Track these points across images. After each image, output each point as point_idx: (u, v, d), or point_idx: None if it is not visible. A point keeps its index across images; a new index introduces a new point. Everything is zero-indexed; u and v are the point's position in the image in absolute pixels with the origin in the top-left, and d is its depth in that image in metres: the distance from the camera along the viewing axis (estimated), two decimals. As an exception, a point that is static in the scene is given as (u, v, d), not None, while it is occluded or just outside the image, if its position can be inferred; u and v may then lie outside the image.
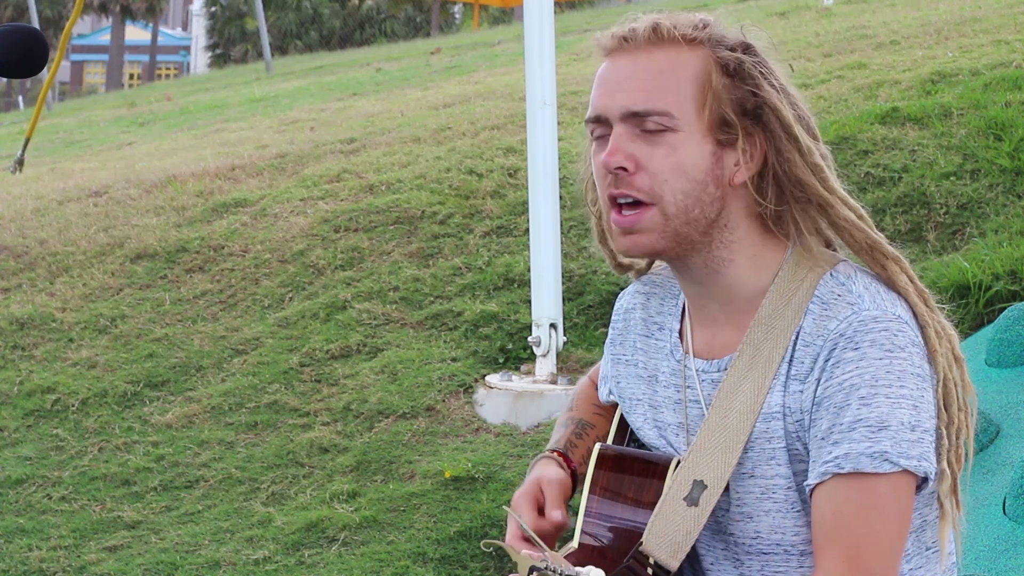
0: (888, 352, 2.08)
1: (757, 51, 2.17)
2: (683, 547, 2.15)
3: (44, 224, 8.50)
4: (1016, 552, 4.11)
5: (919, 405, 2.08)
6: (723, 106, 2.12)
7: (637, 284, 2.37)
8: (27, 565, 5.48)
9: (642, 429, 2.30)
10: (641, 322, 2.33)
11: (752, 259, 2.18)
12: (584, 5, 35.12)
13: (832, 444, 2.07)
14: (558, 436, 2.41)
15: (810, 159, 2.14)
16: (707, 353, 2.22)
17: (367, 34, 47.82)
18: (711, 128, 2.12)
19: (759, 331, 2.15)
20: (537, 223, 6.06)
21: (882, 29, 9.92)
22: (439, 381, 6.18)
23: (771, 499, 2.16)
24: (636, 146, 2.13)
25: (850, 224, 2.16)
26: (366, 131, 9.69)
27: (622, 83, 2.15)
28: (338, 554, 5.30)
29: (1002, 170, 6.71)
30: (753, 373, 2.14)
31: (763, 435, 2.14)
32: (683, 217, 2.13)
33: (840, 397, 2.08)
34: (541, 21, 6.10)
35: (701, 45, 2.15)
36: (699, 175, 2.12)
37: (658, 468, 2.21)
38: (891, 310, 2.11)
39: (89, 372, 6.73)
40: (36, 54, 2.45)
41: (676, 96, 2.12)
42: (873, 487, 2.06)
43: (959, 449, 2.14)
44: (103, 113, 18.08)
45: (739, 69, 2.13)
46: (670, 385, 2.25)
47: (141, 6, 52.73)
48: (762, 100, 2.13)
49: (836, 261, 2.18)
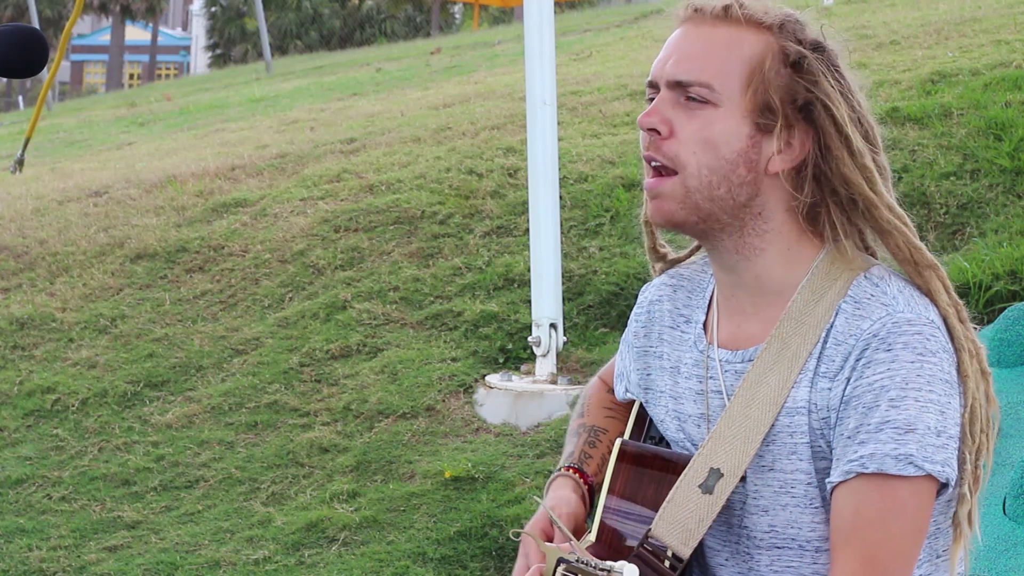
0: (920, 356, 2.08)
1: (828, 52, 2.18)
2: (695, 534, 2.15)
3: (44, 224, 8.50)
4: (1016, 552, 4.11)
5: (946, 411, 2.09)
6: (770, 92, 2.13)
7: (664, 277, 2.37)
8: (27, 565, 5.48)
9: (664, 421, 2.30)
10: (668, 314, 2.33)
11: (785, 252, 2.18)
12: (584, 5, 35.12)
13: (858, 444, 2.08)
14: (571, 448, 2.40)
15: (860, 160, 2.14)
16: (732, 344, 2.22)
17: (367, 34, 47.81)
18: (752, 111, 2.13)
19: (789, 325, 2.15)
20: (537, 223, 6.06)
21: (882, 29, 9.92)
22: (439, 381, 6.18)
23: (789, 494, 2.16)
24: (675, 113, 2.15)
25: (894, 228, 2.17)
26: (366, 131, 9.69)
27: (677, 52, 2.18)
28: (338, 554, 5.30)
29: (1002, 170, 6.72)
30: (779, 366, 2.15)
31: (786, 429, 2.14)
32: (705, 192, 2.14)
33: (870, 397, 2.08)
34: (541, 21, 6.10)
35: (768, 30, 2.16)
36: (730, 154, 2.13)
37: (678, 466, 2.20)
38: (925, 314, 2.12)
39: (89, 372, 6.73)
40: (36, 54, 2.45)
41: (723, 72, 2.13)
42: (895, 489, 2.06)
43: (977, 470, 2.15)
44: (103, 113, 18.08)
45: (800, 62, 2.15)
46: (692, 376, 2.25)
47: (141, 6, 52.71)
48: (815, 96, 2.14)
49: (870, 264, 2.19)
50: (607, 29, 16.02)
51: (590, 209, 7.16)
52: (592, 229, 7.03)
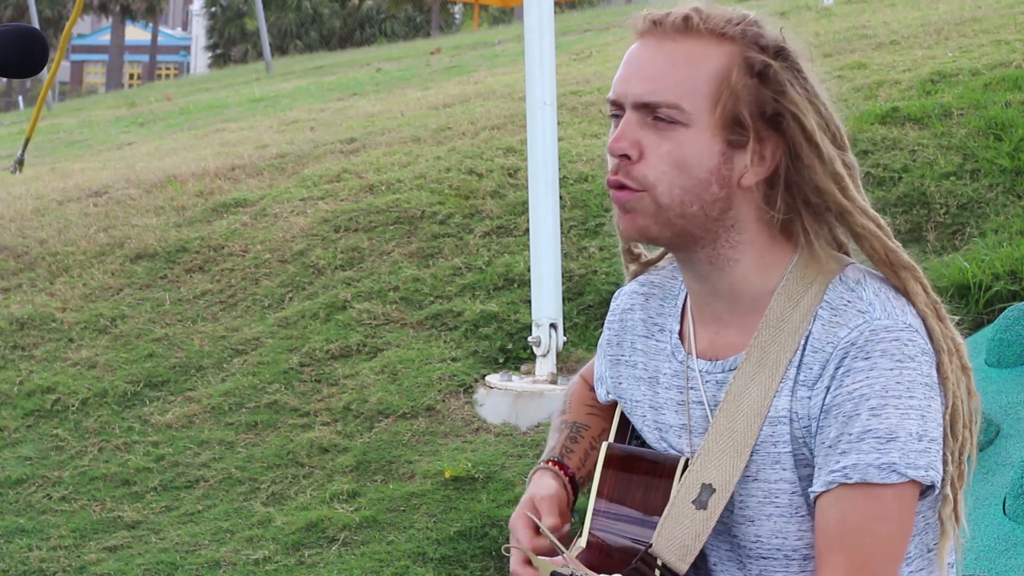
0: (899, 363, 2.07)
1: (790, 56, 2.13)
2: (692, 550, 2.15)
3: (44, 224, 8.50)
4: (1016, 552, 4.11)
5: (927, 415, 2.08)
6: (739, 106, 2.10)
7: (635, 284, 2.35)
8: (27, 565, 5.48)
9: (643, 431, 2.29)
10: (640, 323, 2.31)
11: (759, 260, 2.16)
12: (584, 5, 35.11)
13: (840, 454, 2.07)
14: (552, 443, 2.40)
15: (831, 167, 2.11)
16: (710, 354, 2.21)
17: (367, 34, 47.81)
18: (723, 127, 2.10)
19: (767, 332, 2.14)
20: (537, 223, 6.06)
21: (882, 29, 9.92)
22: (439, 381, 6.18)
23: (774, 503, 2.15)
24: (644, 134, 2.11)
25: (868, 233, 2.14)
26: (366, 131, 9.69)
27: (640, 70, 2.13)
28: (338, 554, 5.30)
29: (1002, 170, 6.72)
30: (760, 376, 2.13)
31: (769, 439, 2.14)
32: (678, 210, 2.11)
33: (849, 406, 2.07)
34: (541, 21, 6.10)
35: (731, 41, 2.11)
36: (702, 173, 2.10)
37: (665, 468, 2.20)
38: (902, 318, 2.11)
39: (89, 372, 6.73)
40: (36, 54, 2.45)
41: (690, 90, 2.09)
42: (879, 496, 2.06)
43: (962, 466, 2.14)
44: (103, 113, 18.08)
45: (765, 72, 2.11)
46: (672, 387, 2.24)
47: (141, 6, 52.73)
48: (783, 106, 2.10)
49: (845, 264, 2.17)
50: (607, 29, 16.02)
51: (590, 209, 7.16)
52: (592, 229, 7.03)
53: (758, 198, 2.14)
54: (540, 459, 2.39)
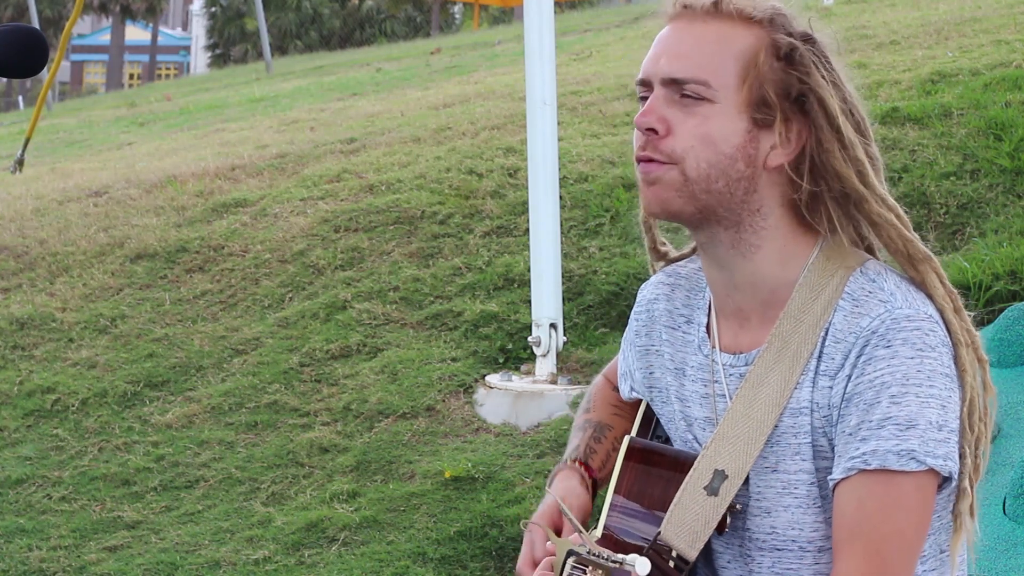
0: (920, 351, 2.09)
1: (818, 43, 2.17)
2: (701, 536, 2.15)
3: (44, 224, 8.50)
4: (1016, 552, 4.11)
5: (947, 405, 2.09)
6: (765, 86, 2.13)
7: (660, 275, 2.37)
8: (27, 565, 5.48)
9: (672, 421, 2.29)
10: (666, 313, 2.32)
11: (780, 250, 2.18)
12: (584, 5, 35.12)
13: (860, 440, 2.08)
14: (576, 442, 2.40)
15: (851, 153, 2.14)
16: (734, 347, 2.22)
17: (367, 34, 47.80)
18: (749, 106, 2.13)
19: (788, 324, 2.16)
20: (537, 223, 6.06)
21: (882, 29, 9.92)
22: (439, 381, 6.18)
23: (792, 494, 2.16)
24: (671, 111, 2.14)
25: (885, 221, 2.17)
26: (366, 131, 9.69)
27: (669, 49, 2.17)
28: (338, 554, 5.30)
29: (1002, 170, 6.72)
30: (780, 366, 2.15)
31: (790, 430, 2.15)
32: (703, 184, 2.13)
33: (871, 394, 2.08)
34: (541, 21, 6.10)
35: (758, 25, 2.15)
36: (728, 149, 2.13)
37: (686, 465, 2.20)
38: (923, 309, 2.12)
39: (89, 372, 6.73)
40: (36, 54, 2.45)
41: (718, 68, 2.13)
42: (898, 484, 2.07)
43: (977, 460, 2.15)
44: (103, 113, 18.08)
45: (791, 54, 2.14)
46: (697, 380, 2.25)
47: (141, 6, 52.71)
48: (808, 88, 2.14)
49: (865, 259, 2.19)
50: (607, 29, 16.03)
51: (590, 209, 7.16)
52: (592, 229, 7.03)
53: (784, 183, 2.16)
54: (564, 457, 2.40)
